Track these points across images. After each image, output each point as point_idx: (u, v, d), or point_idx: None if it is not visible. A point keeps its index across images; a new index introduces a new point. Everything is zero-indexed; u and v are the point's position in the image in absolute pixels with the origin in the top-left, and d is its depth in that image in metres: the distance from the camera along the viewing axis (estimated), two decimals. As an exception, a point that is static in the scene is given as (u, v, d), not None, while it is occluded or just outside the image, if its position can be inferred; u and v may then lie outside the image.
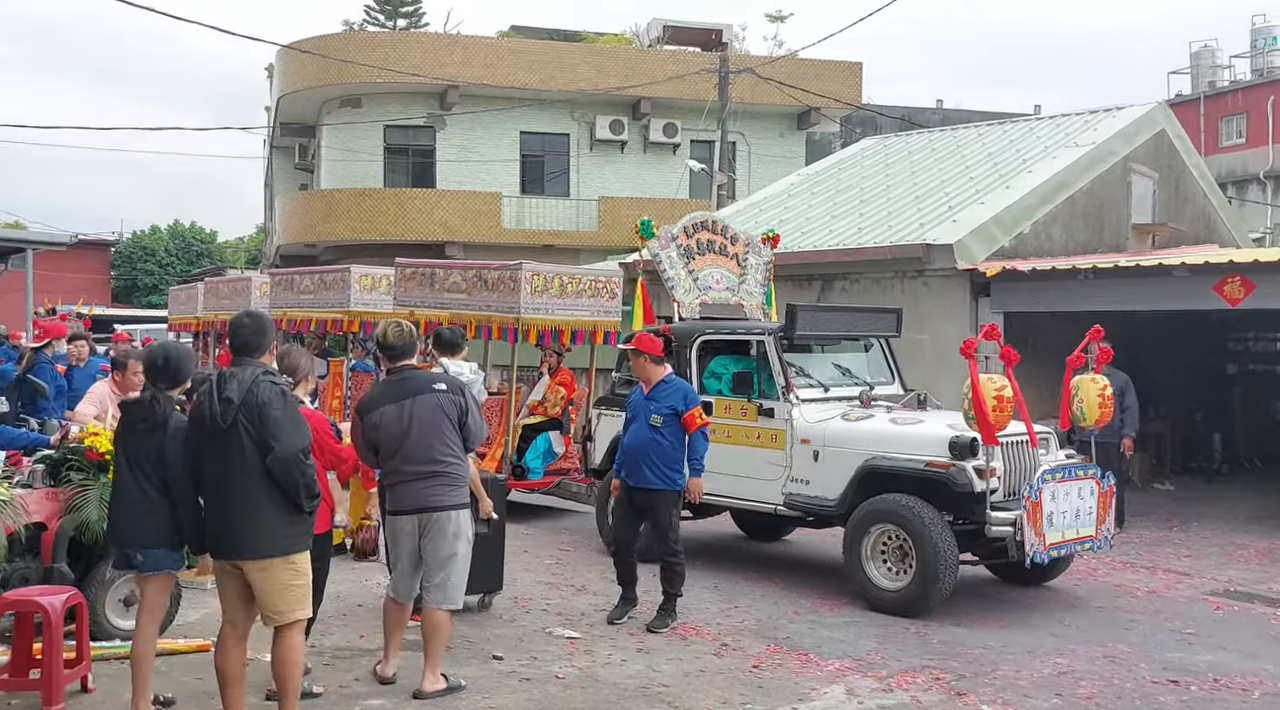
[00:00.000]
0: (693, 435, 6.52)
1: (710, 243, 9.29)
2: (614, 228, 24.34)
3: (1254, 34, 34.97)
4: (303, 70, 24.38)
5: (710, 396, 8.09)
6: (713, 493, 8.02)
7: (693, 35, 28.49)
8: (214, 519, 4.34)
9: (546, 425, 10.33)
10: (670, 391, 6.54)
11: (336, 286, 12.01)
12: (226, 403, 4.20)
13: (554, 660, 5.78)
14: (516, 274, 8.97)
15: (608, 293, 9.71)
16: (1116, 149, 13.70)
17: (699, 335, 8.43)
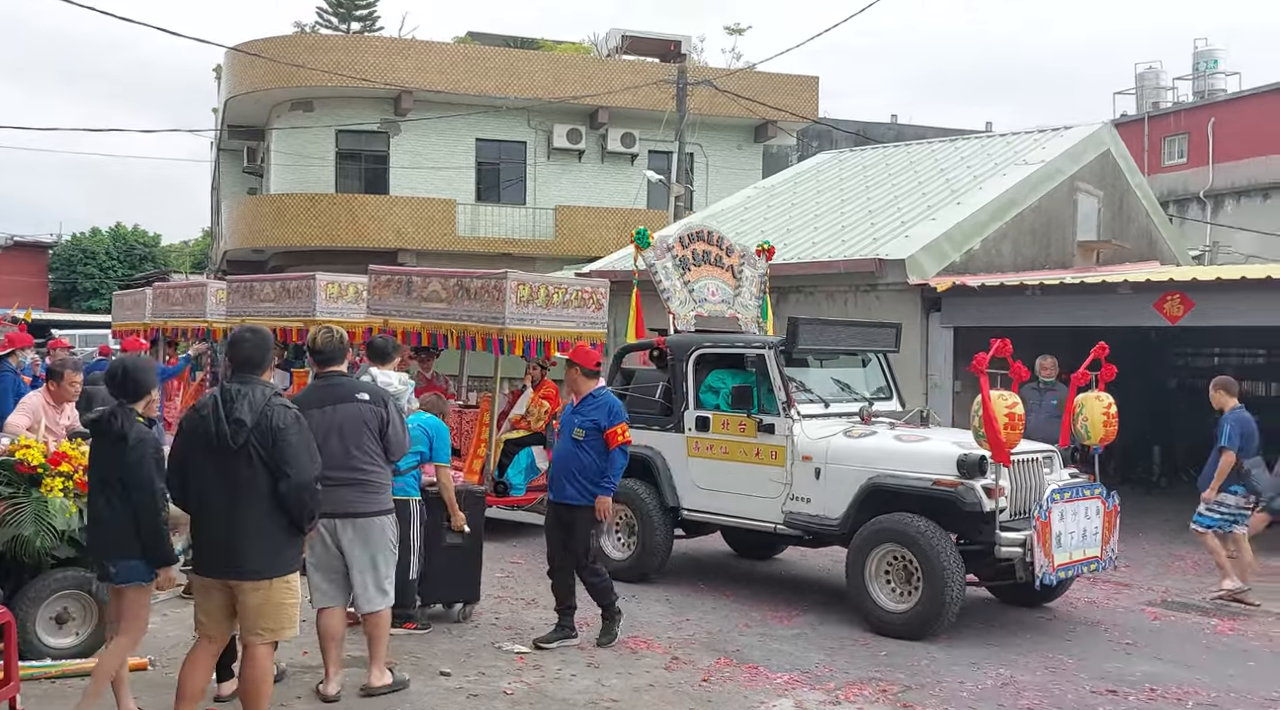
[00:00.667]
0: (612, 452, 6.34)
1: (706, 254, 9.10)
2: (570, 237, 24.31)
3: (1196, 57, 35.91)
4: (252, 72, 24.04)
5: (707, 411, 7.98)
6: (708, 510, 8.00)
7: (651, 46, 28.59)
8: (210, 537, 4.30)
9: (529, 440, 10.05)
10: (596, 406, 6.39)
11: (300, 294, 11.56)
12: (238, 424, 4.19)
13: (502, 675, 5.74)
14: (501, 283, 8.71)
15: (594, 304, 9.47)
16: (1064, 168, 14.00)
17: (696, 348, 8.24)
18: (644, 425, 8.21)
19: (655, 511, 8.07)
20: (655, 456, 8.20)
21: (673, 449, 8.15)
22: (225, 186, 31.12)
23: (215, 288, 13.75)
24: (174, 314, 14.44)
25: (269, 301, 12.18)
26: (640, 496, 8.12)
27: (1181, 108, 34.44)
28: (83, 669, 5.39)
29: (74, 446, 5.84)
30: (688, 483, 8.08)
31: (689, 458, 8.06)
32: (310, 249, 23.22)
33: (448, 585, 6.69)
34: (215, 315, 13.37)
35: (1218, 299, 9.99)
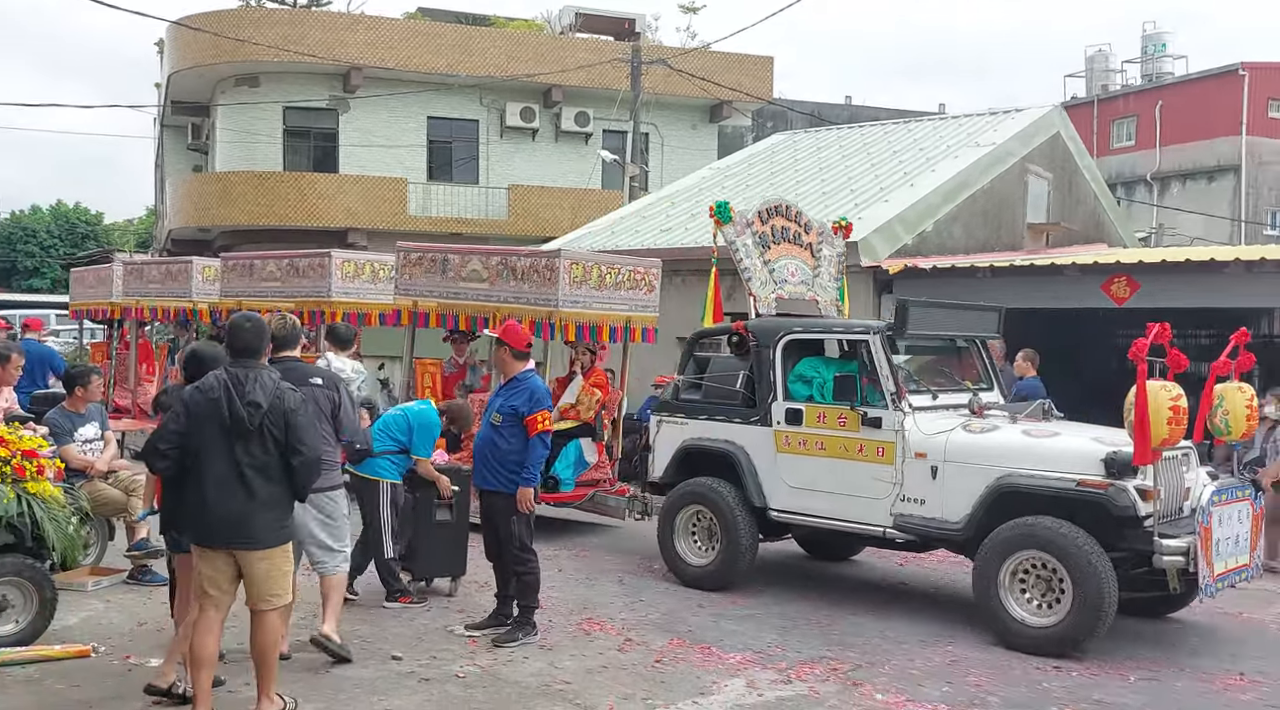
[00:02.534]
0: (531, 440, 5.99)
1: (784, 230, 8.37)
2: (524, 216, 24.12)
3: (1145, 40, 36.49)
4: (195, 47, 23.46)
5: (798, 403, 7.28)
6: (801, 512, 7.28)
7: (605, 24, 28.37)
8: (222, 510, 4.53)
9: (578, 431, 9.30)
10: (518, 391, 6.07)
11: (312, 273, 10.82)
12: (254, 406, 4.49)
13: (455, 659, 5.70)
14: (554, 262, 8.19)
15: (646, 285, 8.95)
16: (1015, 150, 14.14)
17: (784, 334, 7.49)
18: (724, 418, 7.63)
19: (739, 513, 7.32)
20: (738, 452, 7.47)
21: (758, 444, 7.41)
22: (169, 164, 30.42)
23: (202, 265, 13.00)
24: (149, 292, 13.54)
25: (273, 280, 11.41)
26: (722, 496, 7.41)
27: (1130, 91, 35.02)
28: (23, 657, 5.27)
29: (11, 431, 5.70)
30: (776, 481, 7.34)
31: (778, 454, 7.32)
32: (258, 228, 22.79)
33: (437, 561, 6.95)
34: (203, 295, 12.61)
35: (1163, 281, 10.18)
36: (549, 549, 8.48)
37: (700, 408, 7.81)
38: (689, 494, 7.62)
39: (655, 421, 8.12)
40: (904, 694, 5.44)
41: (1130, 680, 5.84)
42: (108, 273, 14.97)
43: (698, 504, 7.54)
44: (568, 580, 7.62)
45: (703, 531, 7.61)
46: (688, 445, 7.76)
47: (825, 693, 5.42)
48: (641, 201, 17.73)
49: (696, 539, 7.64)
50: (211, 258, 13.67)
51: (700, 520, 7.60)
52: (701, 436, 7.71)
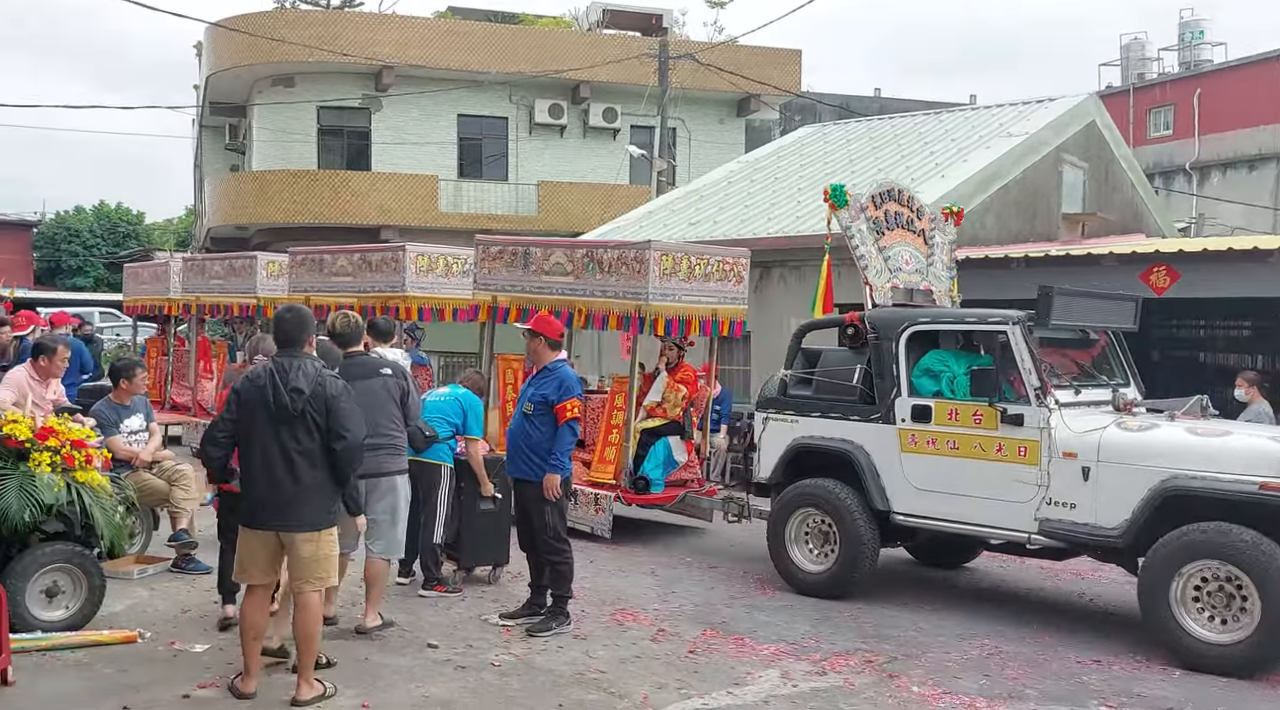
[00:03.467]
0: (560, 428, 6.02)
1: (898, 216, 7.90)
2: (553, 212, 24.19)
3: (1182, 28, 35.88)
4: (232, 48, 23.76)
5: (927, 399, 6.83)
6: (930, 516, 6.83)
7: (633, 20, 28.36)
8: (269, 495, 4.71)
9: (666, 429, 8.94)
10: (548, 379, 6.10)
11: (385, 268, 10.63)
12: (297, 392, 4.67)
13: (490, 648, 5.74)
14: (644, 254, 7.91)
15: (735, 276, 8.59)
16: (1049, 139, 13.98)
17: (909, 325, 7.04)
18: (839, 415, 7.20)
19: (859, 516, 6.93)
20: (856, 452, 7.04)
21: (880, 443, 6.98)
22: (208, 164, 30.82)
23: (266, 260, 12.90)
24: (211, 289, 13.35)
25: (344, 276, 11.16)
26: (840, 499, 7.01)
27: (1167, 79, 34.47)
28: (72, 641, 5.38)
29: (61, 422, 5.81)
30: (901, 483, 6.90)
31: (902, 453, 6.88)
32: (294, 226, 23.06)
33: (481, 549, 7.09)
34: (267, 291, 12.50)
35: (1204, 270, 10.01)
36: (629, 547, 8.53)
37: (812, 404, 7.38)
38: (802, 496, 7.21)
39: (761, 419, 7.65)
40: (940, 686, 5.41)
41: (1174, 675, 5.76)
42: (164, 269, 14.83)
43: (812, 507, 7.14)
44: (600, 571, 7.66)
45: (816, 536, 7.21)
46: (798, 444, 7.35)
47: (860, 684, 5.41)
48: (669, 195, 17.73)
49: (811, 545, 7.24)
50: (277, 253, 13.42)
51: (814, 524, 7.20)
52: (814, 435, 7.29)
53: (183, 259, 14.54)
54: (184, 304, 13.97)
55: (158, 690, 4.89)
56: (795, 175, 15.73)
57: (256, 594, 4.84)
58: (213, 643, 5.59)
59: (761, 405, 7.73)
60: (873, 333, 7.15)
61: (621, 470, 8.51)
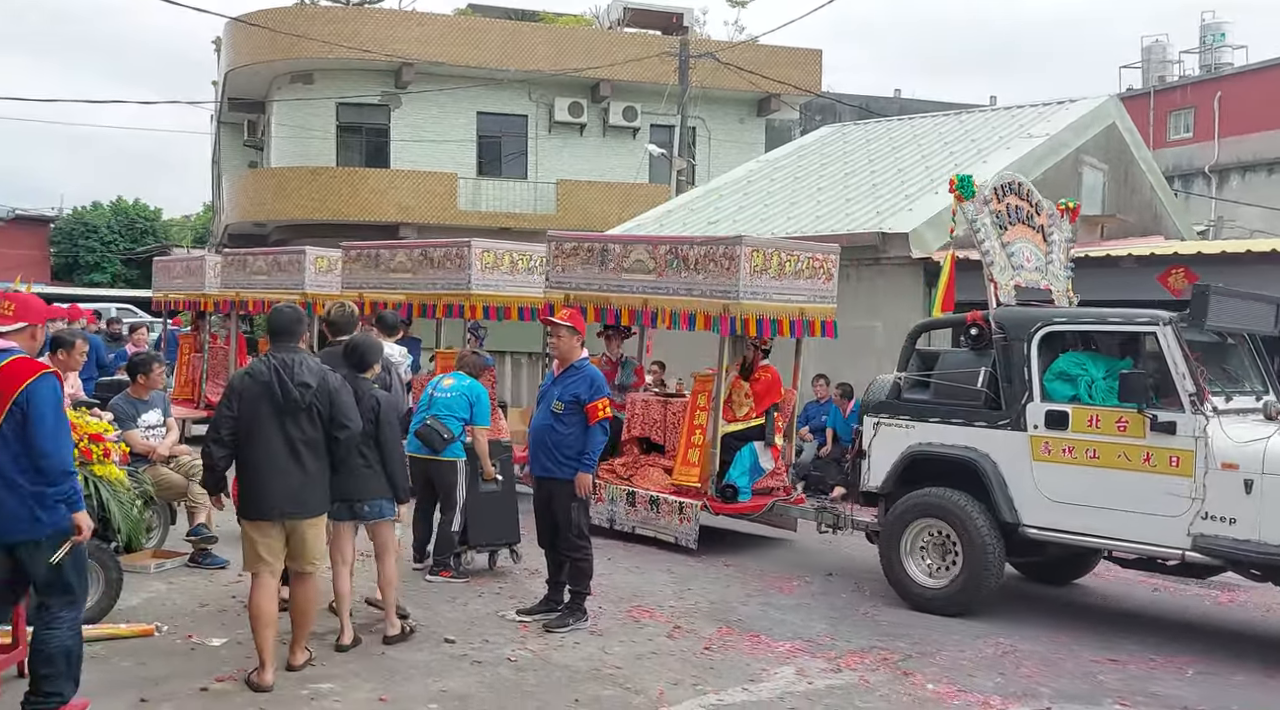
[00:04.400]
0: (592, 428, 5.98)
1: (1018, 210, 7.45)
2: (572, 211, 24.22)
3: (1203, 30, 35.66)
4: (252, 44, 23.88)
5: (1063, 404, 6.41)
6: (1066, 529, 6.40)
7: (653, 18, 28.37)
8: (277, 484, 4.88)
9: (751, 434, 8.51)
10: (579, 378, 6.03)
11: (449, 264, 10.22)
12: (304, 386, 4.87)
13: (506, 643, 5.77)
14: (734, 250, 7.58)
15: (825, 274, 8.25)
16: (1069, 141, 13.93)
17: (1042, 325, 6.62)
18: (961, 421, 6.77)
19: (985, 529, 6.52)
20: (982, 460, 6.62)
21: (1009, 451, 6.55)
22: (226, 160, 31.00)
23: (315, 255, 12.62)
24: (254, 284, 13.05)
25: (403, 272, 10.76)
26: (963, 510, 6.60)
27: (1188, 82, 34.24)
28: (89, 635, 5.42)
29: (79, 415, 5.85)
30: (1032, 494, 6.48)
31: (1034, 462, 6.47)
32: (312, 222, 23.16)
33: (489, 528, 7.15)
34: (315, 286, 12.38)
35: (1223, 273, 9.93)
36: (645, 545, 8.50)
37: (930, 409, 6.96)
38: (921, 506, 6.81)
39: (872, 424, 7.21)
40: (955, 684, 5.41)
41: (1187, 674, 5.77)
42: (198, 264, 14.64)
43: (931, 518, 6.76)
44: (617, 568, 7.68)
45: (934, 549, 6.83)
46: (914, 451, 6.94)
47: (876, 682, 5.41)
48: (689, 194, 17.74)
49: (929, 559, 6.86)
50: (328, 247, 13.10)
51: (932, 536, 6.81)
52: (932, 441, 6.87)
53: (222, 253, 14.30)
54: (223, 300, 13.80)
55: (175, 684, 4.93)
56: (815, 174, 15.72)
57: (266, 581, 4.96)
58: (230, 637, 5.62)
59: (872, 410, 7.27)
60: (1000, 333, 6.70)
61: (708, 477, 8.15)
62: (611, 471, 8.83)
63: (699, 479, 8.21)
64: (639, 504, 8.46)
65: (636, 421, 9.14)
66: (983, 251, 7.03)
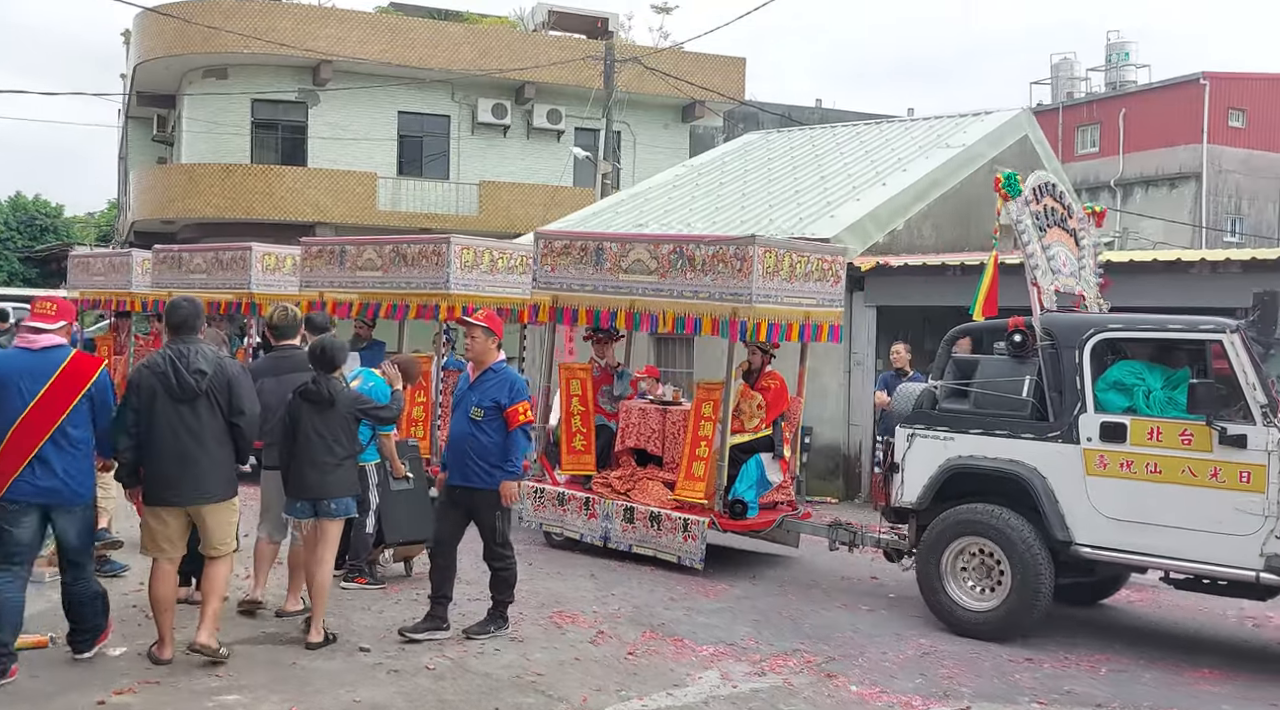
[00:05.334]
0: (513, 433, 5.76)
1: (1053, 212, 7.09)
2: (495, 213, 23.98)
3: (1109, 49, 36.98)
4: (163, 37, 23.11)
5: (1118, 416, 6.09)
6: (1125, 549, 6.08)
7: (578, 22, 28.28)
8: (176, 471, 5.01)
9: (758, 445, 8.07)
10: (497, 383, 5.82)
11: (425, 262, 9.50)
12: (200, 374, 5.01)
13: (424, 651, 5.61)
14: (746, 250, 7.20)
15: (833, 276, 7.88)
16: (984, 151, 14.23)
17: (1094, 332, 6.28)
18: (1006, 433, 6.42)
19: (1035, 549, 6.18)
20: (1031, 475, 6.27)
21: (1059, 465, 6.22)
22: (134, 156, 29.94)
23: (262, 252, 11.76)
24: (192, 283, 12.08)
25: (371, 270, 9.94)
26: (1012, 528, 6.25)
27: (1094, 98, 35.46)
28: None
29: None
30: (1085, 511, 6.14)
31: (1088, 477, 6.14)
32: (224, 221, 22.50)
33: (404, 526, 7.04)
34: (264, 286, 11.58)
35: (1132, 280, 10.25)
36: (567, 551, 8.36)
37: (970, 420, 6.60)
38: (963, 524, 6.44)
39: (905, 436, 6.82)
40: (878, 686, 5.44)
41: (1100, 672, 5.89)
42: (124, 260, 13.73)
43: (974, 536, 6.38)
44: (538, 574, 7.56)
45: (976, 569, 6.47)
46: (954, 465, 6.56)
47: (799, 684, 5.40)
48: (614, 197, 17.70)
49: (971, 580, 6.49)
50: (278, 245, 12.33)
51: (977, 556, 6.45)
52: (974, 454, 6.50)
53: (155, 249, 13.36)
54: (152, 299, 12.89)
55: (72, 697, 4.70)
56: (739, 180, 15.80)
57: (164, 568, 5.13)
58: (130, 647, 5.38)
59: (909, 420, 6.87)
60: (1047, 340, 6.36)
61: (714, 492, 7.71)
62: (607, 485, 8.38)
63: (705, 494, 7.74)
64: (638, 520, 7.96)
65: (632, 432, 8.62)
66: (1027, 254, 6.65)
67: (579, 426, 8.75)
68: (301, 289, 10.67)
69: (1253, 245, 25.36)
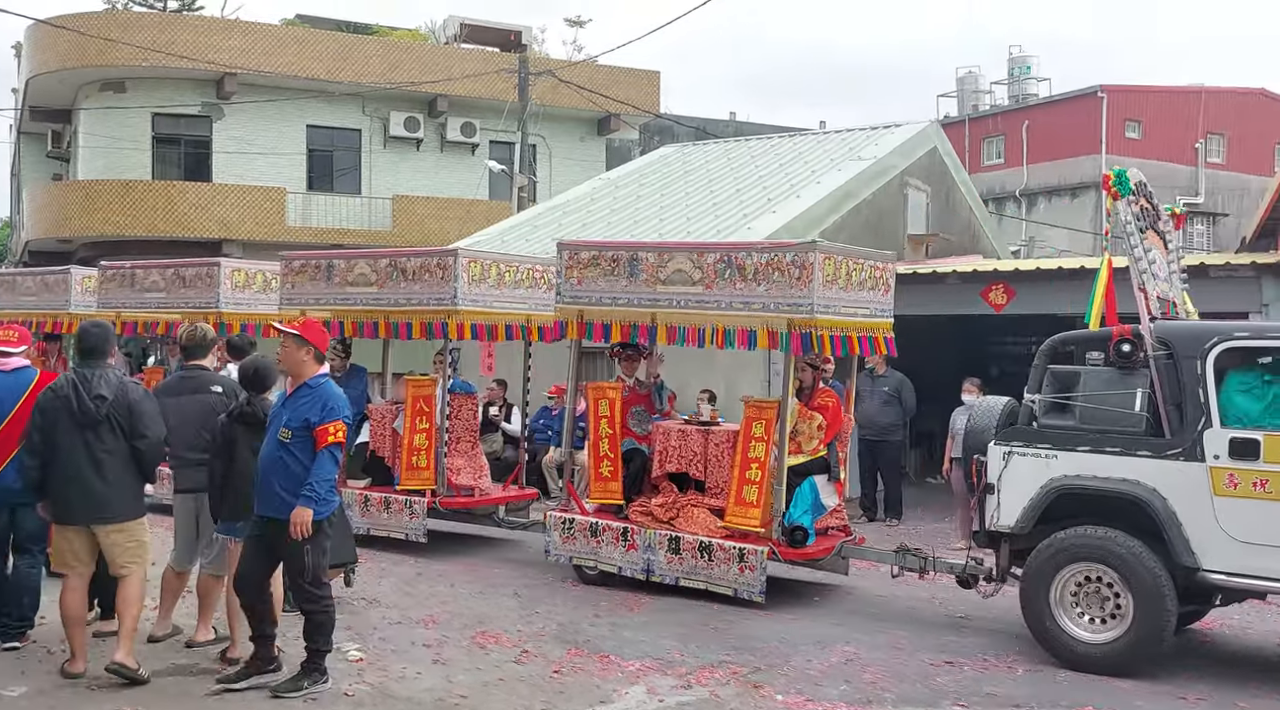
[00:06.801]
0: (319, 454, 5.10)
1: (1146, 214, 6.66)
2: (409, 227, 23.62)
3: (1011, 63, 38.21)
4: (58, 49, 22.26)
5: (1250, 432, 5.68)
6: (1264, 575, 5.68)
7: (491, 35, 28.12)
8: (78, 492, 5.15)
9: (812, 467, 7.59)
10: (310, 399, 5.17)
11: (427, 277, 8.84)
12: (100, 399, 5.14)
13: (343, 677, 5.43)
14: (807, 257, 6.73)
15: (884, 284, 7.49)
16: (895, 163, 14.55)
17: (1219, 340, 5.85)
18: (1119, 450, 5.99)
19: (1159, 575, 5.77)
20: (1150, 496, 5.85)
21: (1182, 485, 5.81)
22: (27, 172, 28.77)
23: (231, 268, 10.89)
24: (148, 303, 11.28)
25: (364, 285, 9.16)
26: (1132, 553, 5.83)
27: (998, 111, 36.57)
28: None
29: None
30: (1214, 534, 5.73)
31: (1216, 497, 5.73)
32: (124, 239, 21.71)
33: None
34: (233, 305, 10.76)
35: (1038, 288, 10.58)
36: (491, 567, 8.18)
37: (1075, 436, 6.16)
38: (1076, 549, 6.00)
39: (1000, 454, 6.33)
40: (804, 694, 5.45)
41: (1018, 673, 6.00)
42: (60, 279, 12.74)
43: (1088, 562, 5.96)
44: (460, 594, 7.41)
45: (1094, 599, 6.02)
46: (1060, 486, 6.11)
47: (726, 696, 5.38)
48: (532, 211, 17.60)
49: (1086, 609, 6.04)
50: (249, 261, 11.56)
51: (1091, 583, 6.01)
52: (1081, 473, 6.07)
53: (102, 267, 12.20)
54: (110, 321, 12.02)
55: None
56: (657, 193, 15.86)
57: (72, 583, 5.26)
58: (31, 686, 5.10)
59: (1004, 437, 6.41)
60: (1163, 349, 5.95)
61: (771, 518, 7.21)
62: (648, 513, 7.80)
63: (760, 521, 7.24)
64: (685, 551, 7.39)
65: (672, 455, 7.95)
66: (1134, 257, 6.17)
67: (606, 451, 8.07)
68: (281, 306, 9.77)
69: (1148, 252, 26.37)
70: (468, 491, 9.16)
